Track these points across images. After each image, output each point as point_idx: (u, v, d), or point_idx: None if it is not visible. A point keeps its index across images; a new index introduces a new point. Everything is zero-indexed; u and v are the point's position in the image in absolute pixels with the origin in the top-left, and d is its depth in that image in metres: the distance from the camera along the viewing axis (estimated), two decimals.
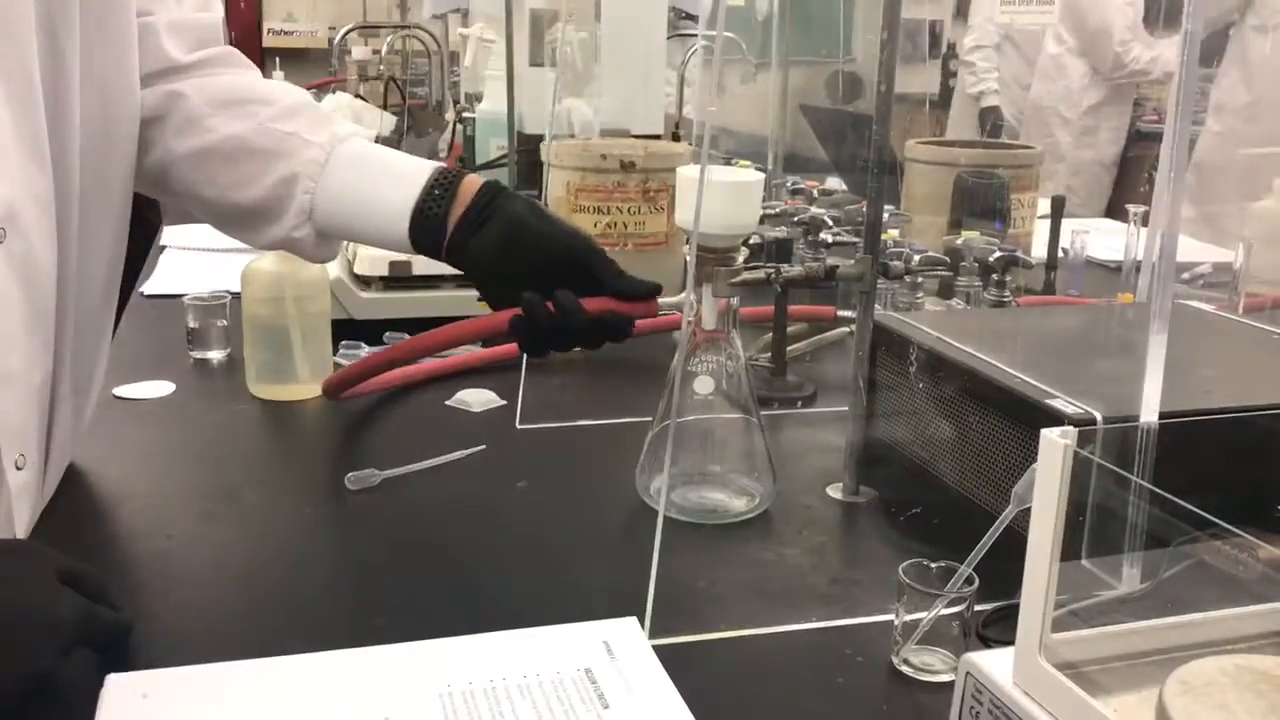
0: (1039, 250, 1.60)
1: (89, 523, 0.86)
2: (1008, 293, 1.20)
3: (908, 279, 1.19)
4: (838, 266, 0.86)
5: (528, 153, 2.11)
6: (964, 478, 0.89)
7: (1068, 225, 1.58)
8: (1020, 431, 0.83)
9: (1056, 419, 0.79)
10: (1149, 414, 0.72)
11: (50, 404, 0.83)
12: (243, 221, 0.90)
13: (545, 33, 2.20)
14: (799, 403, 1.12)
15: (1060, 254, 1.55)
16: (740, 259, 0.85)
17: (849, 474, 0.91)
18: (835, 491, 0.92)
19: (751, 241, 1.31)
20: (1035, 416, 0.80)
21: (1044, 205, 1.81)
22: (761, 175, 0.84)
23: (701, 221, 0.79)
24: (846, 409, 0.91)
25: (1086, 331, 1.08)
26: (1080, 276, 1.58)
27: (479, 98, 2.45)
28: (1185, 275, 1.62)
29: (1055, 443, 0.52)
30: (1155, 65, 3.60)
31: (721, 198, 0.80)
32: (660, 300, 0.85)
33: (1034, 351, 0.95)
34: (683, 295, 0.83)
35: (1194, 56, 0.72)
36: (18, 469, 0.78)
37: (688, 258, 0.78)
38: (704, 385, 0.87)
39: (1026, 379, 0.85)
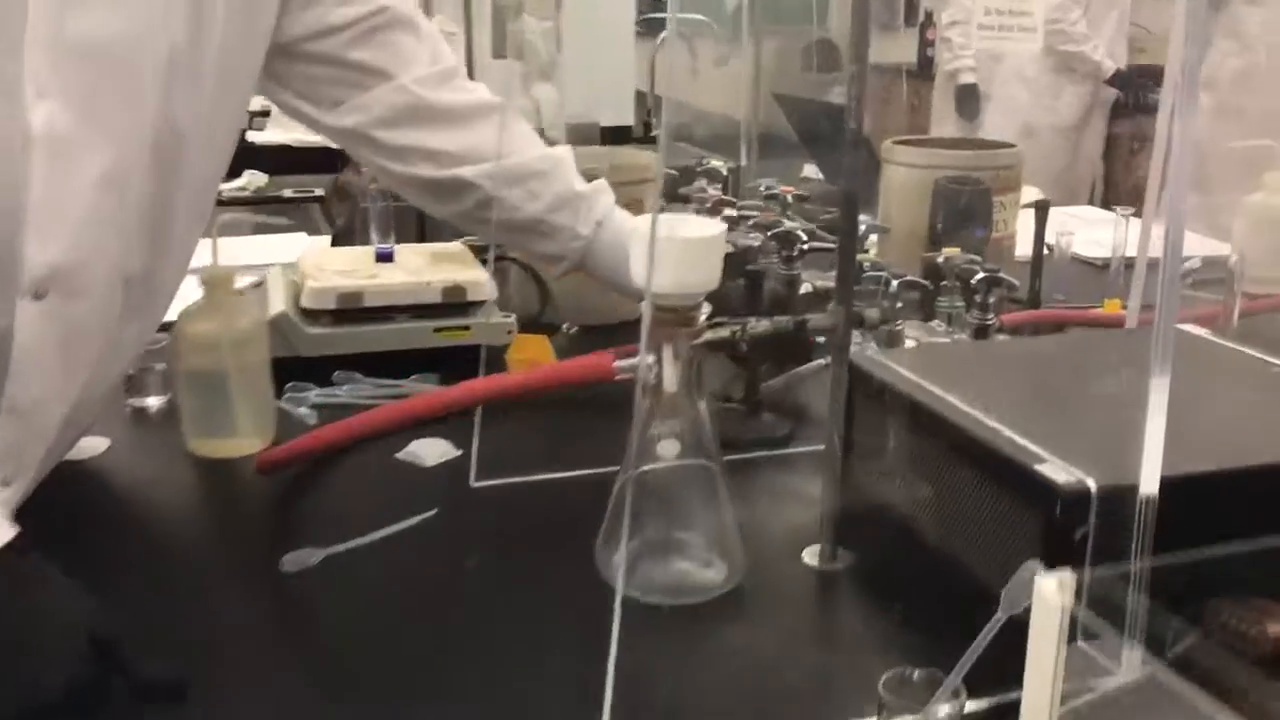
0: (1023, 248, 1.53)
1: None
2: (991, 314, 1.13)
3: (886, 303, 1.12)
4: (807, 320, 0.79)
5: None
6: (951, 541, 0.83)
7: (1054, 215, 1.52)
8: (1011, 497, 0.76)
9: (1047, 488, 0.73)
10: (1149, 484, 0.66)
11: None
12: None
13: (509, 24, 2.12)
14: (775, 444, 1.05)
15: (1045, 251, 1.49)
16: (702, 317, 0.78)
17: (825, 539, 0.85)
18: (811, 558, 0.85)
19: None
20: (1026, 483, 0.74)
21: (1028, 193, 1.75)
22: (724, 227, 0.77)
23: (659, 282, 0.72)
24: (824, 447, 0.84)
25: (1078, 366, 1.01)
26: (1066, 279, 1.52)
27: None
28: None
29: (1050, 600, 0.45)
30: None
31: (680, 257, 0.73)
32: (617, 363, 0.78)
33: (1023, 396, 0.89)
34: (636, 360, 0.76)
35: (1197, 37, 0.64)
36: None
37: (642, 323, 0.71)
38: (668, 449, 0.80)
39: (1015, 437, 0.78)
